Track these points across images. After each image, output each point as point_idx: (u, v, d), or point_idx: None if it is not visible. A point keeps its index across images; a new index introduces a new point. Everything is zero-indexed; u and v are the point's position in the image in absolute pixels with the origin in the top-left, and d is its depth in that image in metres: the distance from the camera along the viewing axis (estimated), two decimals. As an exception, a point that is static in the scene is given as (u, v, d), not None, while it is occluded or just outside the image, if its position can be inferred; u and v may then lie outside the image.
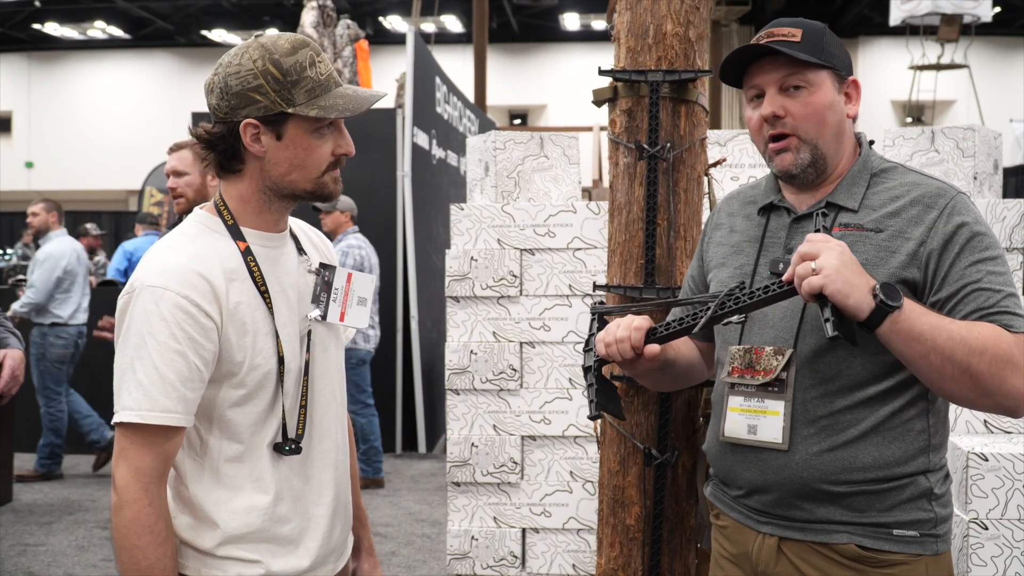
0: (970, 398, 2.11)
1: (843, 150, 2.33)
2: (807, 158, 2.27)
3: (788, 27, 2.28)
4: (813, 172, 2.29)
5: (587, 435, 4.07)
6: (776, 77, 2.27)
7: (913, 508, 2.22)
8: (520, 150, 4.23)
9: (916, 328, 2.02)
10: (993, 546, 3.35)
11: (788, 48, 2.24)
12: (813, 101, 2.26)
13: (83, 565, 6.21)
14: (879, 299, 1.98)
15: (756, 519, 2.33)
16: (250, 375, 2.08)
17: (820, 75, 2.26)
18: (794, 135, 2.27)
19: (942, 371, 2.05)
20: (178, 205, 4.72)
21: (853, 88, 2.34)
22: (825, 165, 2.30)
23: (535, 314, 4.11)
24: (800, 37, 2.25)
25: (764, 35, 2.30)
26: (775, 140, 2.29)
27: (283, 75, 2.05)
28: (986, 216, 3.92)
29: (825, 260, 1.98)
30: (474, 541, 4.11)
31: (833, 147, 2.30)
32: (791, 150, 2.27)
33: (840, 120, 2.30)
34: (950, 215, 2.19)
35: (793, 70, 2.25)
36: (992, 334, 2.06)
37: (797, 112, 2.26)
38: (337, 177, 2.17)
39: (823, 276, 1.97)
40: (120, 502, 1.98)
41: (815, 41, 2.26)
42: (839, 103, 2.29)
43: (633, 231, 3.00)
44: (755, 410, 2.28)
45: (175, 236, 2.15)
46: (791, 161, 2.28)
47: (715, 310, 2.20)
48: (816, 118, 2.26)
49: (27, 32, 29.32)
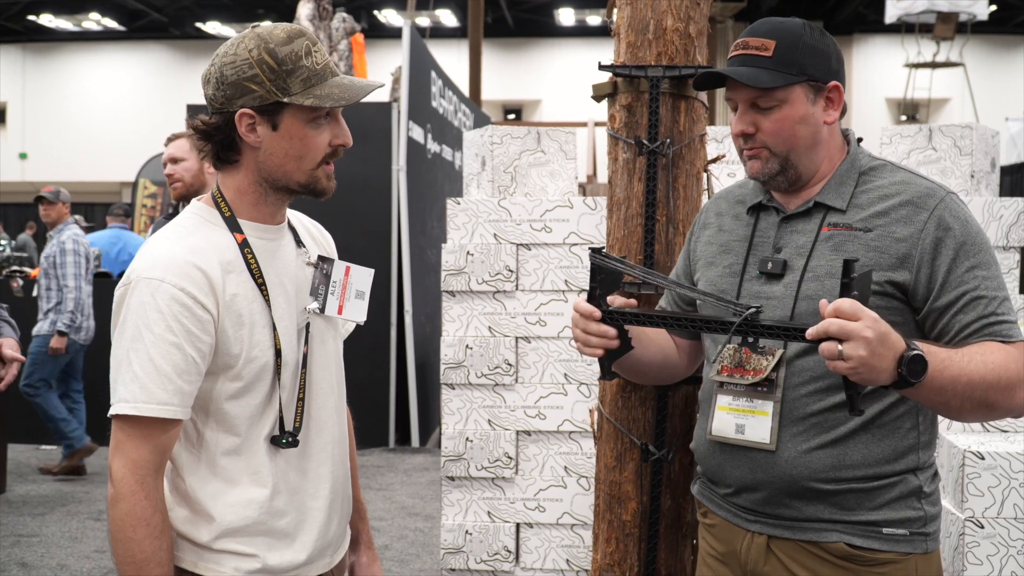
0: (981, 418, 2.18)
1: (820, 156, 2.32)
2: (775, 168, 2.30)
3: (763, 36, 2.28)
4: (784, 180, 2.32)
5: (582, 430, 4.07)
6: (746, 95, 2.29)
7: (903, 506, 2.22)
8: (517, 145, 4.22)
9: (938, 385, 2.01)
10: (989, 545, 3.35)
11: (754, 68, 2.25)
12: (782, 118, 2.27)
13: (76, 556, 6.20)
14: (902, 375, 1.94)
15: (745, 518, 2.33)
16: (247, 368, 2.07)
17: (791, 91, 2.26)
18: (764, 148, 2.29)
19: (960, 409, 2.09)
20: (175, 190, 4.76)
21: (835, 92, 2.31)
22: (798, 174, 2.31)
23: (531, 309, 4.11)
24: (772, 50, 2.25)
25: (739, 44, 2.31)
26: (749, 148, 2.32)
27: (278, 64, 2.04)
28: (983, 215, 3.92)
29: (853, 350, 1.88)
30: (468, 535, 4.10)
31: (807, 157, 2.31)
32: (760, 159, 2.31)
33: (814, 131, 2.29)
34: (940, 218, 2.20)
35: (761, 92, 2.26)
36: (1001, 360, 2.08)
37: (767, 128, 2.28)
38: (331, 173, 2.15)
39: (849, 366, 1.89)
40: (116, 495, 1.97)
41: (787, 53, 2.25)
42: (813, 114, 2.29)
43: (632, 227, 2.99)
44: (744, 409, 2.28)
45: (172, 228, 2.13)
46: (759, 169, 2.32)
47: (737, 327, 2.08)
48: (786, 134, 2.28)
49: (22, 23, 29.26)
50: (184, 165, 4.72)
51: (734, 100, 2.32)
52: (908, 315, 2.20)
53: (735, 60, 2.30)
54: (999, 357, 2.08)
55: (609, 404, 3.03)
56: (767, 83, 2.23)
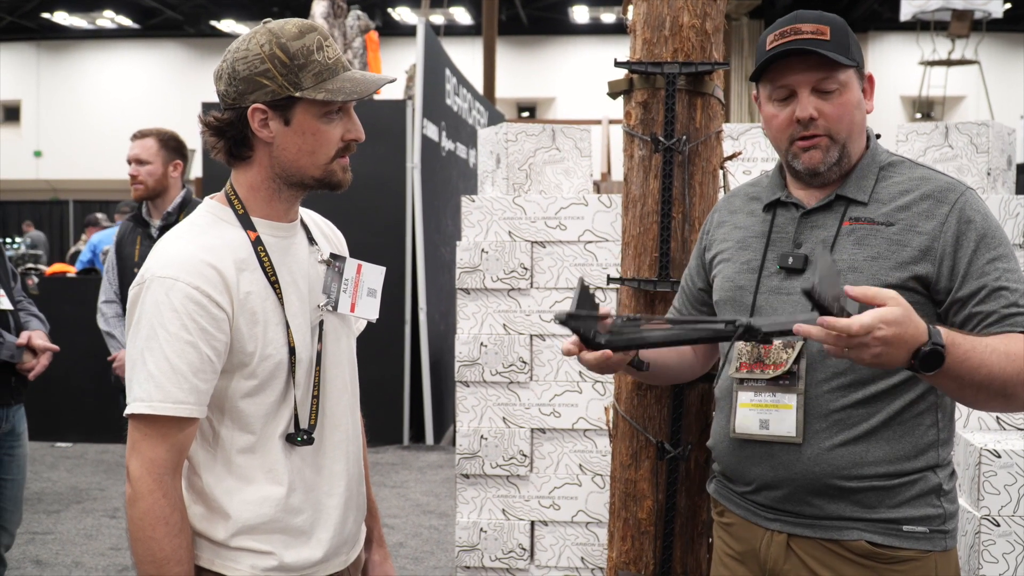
0: (997, 409, 2.18)
1: (861, 146, 2.32)
2: (835, 157, 2.26)
3: (814, 22, 2.24)
4: (837, 170, 2.29)
5: (597, 428, 4.06)
6: (810, 78, 2.23)
7: (923, 504, 2.21)
8: (532, 142, 4.21)
9: (954, 374, 2.00)
10: (1005, 543, 3.33)
11: (822, 48, 2.20)
12: (845, 102, 2.24)
13: (91, 553, 6.21)
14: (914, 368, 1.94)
15: (764, 516, 2.32)
16: (261, 365, 2.07)
17: (849, 75, 2.25)
18: (826, 135, 2.25)
19: (975, 399, 2.09)
20: (135, 191, 4.76)
21: (869, 84, 2.33)
22: (849, 163, 2.29)
23: (545, 307, 4.10)
24: (829, 35, 2.22)
25: (788, 31, 2.24)
26: (804, 138, 2.26)
27: (290, 59, 2.03)
28: (999, 212, 3.90)
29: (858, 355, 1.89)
30: (483, 533, 4.10)
31: (856, 145, 2.29)
32: (820, 148, 2.26)
33: (863, 118, 2.30)
34: (961, 211, 2.19)
35: (827, 72, 2.22)
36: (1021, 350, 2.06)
37: (831, 114, 2.24)
38: (346, 166, 2.15)
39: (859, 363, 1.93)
40: (134, 494, 1.97)
41: (842, 39, 2.24)
42: (863, 101, 2.29)
43: (647, 224, 2.98)
44: (767, 404, 2.26)
45: (186, 226, 2.13)
46: (820, 159, 2.26)
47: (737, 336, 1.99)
48: (848, 119, 2.25)
49: (36, 21, 29.33)
50: (148, 169, 4.74)
51: (791, 86, 2.25)
52: (930, 309, 2.19)
53: (785, 45, 2.23)
54: (1018, 348, 2.07)
55: (624, 402, 3.02)
56: (839, 58, 2.20)
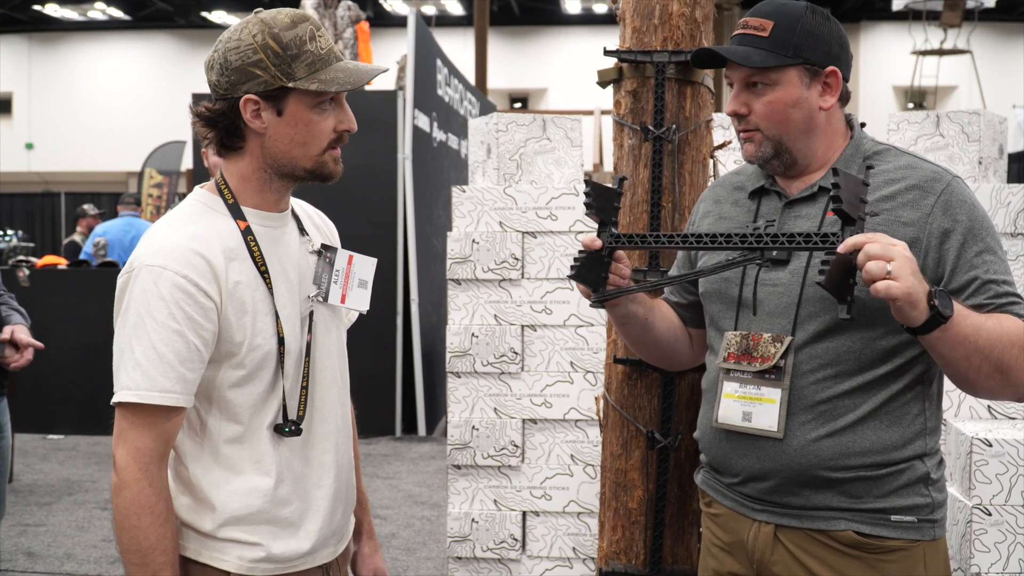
0: (995, 390, 2.14)
1: (817, 141, 2.31)
2: (768, 151, 2.30)
3: (762, 17, 2.28)
4: (779, 164, 2.31)
5: (588, 419, 4.06)
6: (741, 74, 2.29)
7: (911, 493, 2.21)
8: (522, 132, 4.20)
9: (962, 332, 2.00)
10: (997, 532, 3.33)
11: (750, 48, 2.25)
12: (774, 100, 2.26)
13: (83, 545, 6.20)
14: (935, 309, 1.94)
15: (751, 507, 2.32)
16: (250, 355, 2.06)
17: (785, 73, 2.25)
18: (756, 130, 2.29)
19: (979, 369, 2.07)
20: None
21: (832, 77, 2.29)
22: (793, 159, 2.30)
23: (536, 297, 4.10)
24: (769, 31, 2.25)
25: (741, 23, 2.31)
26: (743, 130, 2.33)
27: (283, 49, 2.02)
28: (991, 201, 3.90)
29: (900, 269, 1.88)
30: (474, 524, 4.10)
31: (802, 142, 2.29)
32: (753, 142, 2.31)
33: (807, 115, 2.27)
34: (947, 201, 2.19)
35: (755, 70, 2.25)
36: (1017, 329, 2.08)
37: (759, 110, 2.28)
38: (337, 157, 2.14)
39: (901, 285, 1.88)
40: (120, 483, 1.97)
41: (784, 35, 2.24)
42: (807, 98, 2.27)
43: (637, 213, 2.98)
44: (751, 397, 2.27)
45: (175, 215, 2.13)
46: (752, 152, 2.32)
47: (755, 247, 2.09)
48: (777, 116, 2.27)
49: (27, 13, 29.23)
50: None
51: (731, 78, 2.32)
52: None
53: (735, 39, 2.30)
54: (1014, 324, 2.08)
55: (615, 392, 3.02)
56: (757, 63, 2.23)
